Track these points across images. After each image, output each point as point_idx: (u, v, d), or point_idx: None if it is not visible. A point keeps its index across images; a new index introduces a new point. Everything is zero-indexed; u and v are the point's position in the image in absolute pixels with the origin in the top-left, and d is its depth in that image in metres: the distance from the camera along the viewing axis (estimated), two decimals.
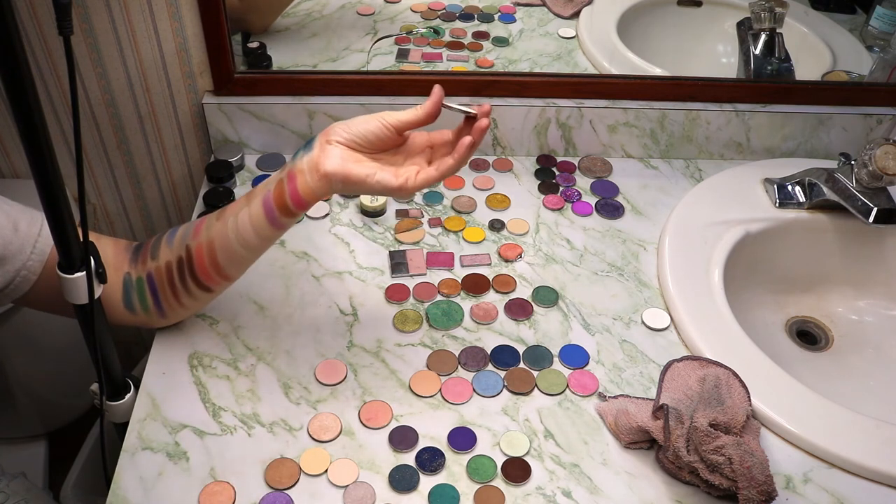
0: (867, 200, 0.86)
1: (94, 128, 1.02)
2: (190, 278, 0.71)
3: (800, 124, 1.03)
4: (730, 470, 0.62)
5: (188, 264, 0.70)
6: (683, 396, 0.71)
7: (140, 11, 0.90)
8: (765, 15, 1.01)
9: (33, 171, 0.55)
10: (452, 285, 0.85)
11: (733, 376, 0.72)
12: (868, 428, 0.71)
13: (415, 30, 1.08)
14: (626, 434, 0.69)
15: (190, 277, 0.71)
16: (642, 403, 0.72)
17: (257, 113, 0.98)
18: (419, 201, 0.97)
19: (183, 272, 0.71)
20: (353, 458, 0.68)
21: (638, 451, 0.70)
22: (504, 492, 0.66)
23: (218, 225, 0.70)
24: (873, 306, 0.95)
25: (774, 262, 0.94)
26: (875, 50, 1.06)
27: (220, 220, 0.70)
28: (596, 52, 1.05)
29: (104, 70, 0.96)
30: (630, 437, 0.69)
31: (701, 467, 0.64)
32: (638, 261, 0.90)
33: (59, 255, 0.60)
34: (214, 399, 0.73)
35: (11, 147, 1.05)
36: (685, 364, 0.75)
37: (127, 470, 0.67)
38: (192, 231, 0.71)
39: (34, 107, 0.51)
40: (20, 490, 1.00)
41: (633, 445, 0.70)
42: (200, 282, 0.71)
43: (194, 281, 0.71)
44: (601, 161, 1.04)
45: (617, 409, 0.71)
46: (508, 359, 0.78)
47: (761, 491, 0.62)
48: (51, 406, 1.20)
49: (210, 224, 0.70)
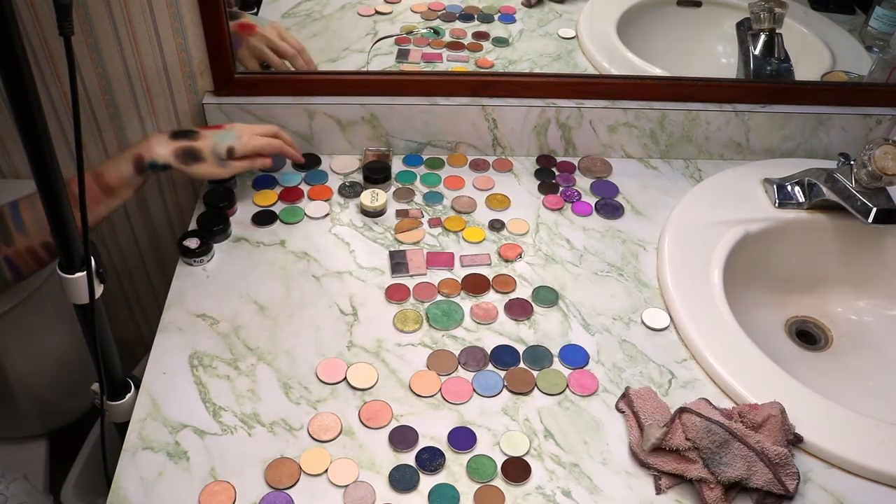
0: (866, 200, 0.86)
1: (94, 128, 1.02)
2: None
3: (799, 124, 1.03)
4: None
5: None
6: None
7: (140, 12, 0.90)
8: (764, 15, 1.01)
9: (33, 171, 0.55)
10: (452, 285, 0.85)
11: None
12: (868, 428, 0.71)
13: (415, 30, 1.08)
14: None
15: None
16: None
17: (258, 113, 0.98)
18: (419, 201, 0.97)
19: (53, 252, 0.76)
20: (354, 458, 0.68)
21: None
22: (504, 491, 0.67)
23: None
24: (873, 306, 0.95)
25: (774, 262, 0.94)
26: (874, 50, 1.06)
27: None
28: (596, 52, 1.05)
29: (105, 70, 0.96)
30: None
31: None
32: (638, 261, 0.90)
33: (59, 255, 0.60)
34: (215, 399, 0.73)
35: (11, 147, 1.06)
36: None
37: (127, 470, 0.67)
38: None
39: (34, 107, 0.51)
40: (20, 493, 1.00)
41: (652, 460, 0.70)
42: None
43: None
44: (601, 161, 1.04)
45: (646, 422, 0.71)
46: (508, 359, 0.78)
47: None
48: (51, 406, 1.20)
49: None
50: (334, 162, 1.02)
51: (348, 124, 1.00)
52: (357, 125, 1.00)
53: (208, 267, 0.86)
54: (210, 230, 0.88)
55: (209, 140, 0.86)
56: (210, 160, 0.86)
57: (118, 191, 0.83)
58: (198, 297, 0.82)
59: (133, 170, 0.82)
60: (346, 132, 1.01)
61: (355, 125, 1.00)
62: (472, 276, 0.87)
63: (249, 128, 0.90)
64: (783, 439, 0.68)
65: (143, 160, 0.83)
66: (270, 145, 0.90)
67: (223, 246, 0.89)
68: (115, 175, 0.82)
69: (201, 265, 0.86)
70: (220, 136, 0.87)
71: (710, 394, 0.75)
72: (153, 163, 0.83)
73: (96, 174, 0.81)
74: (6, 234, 0.76)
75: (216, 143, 0.86)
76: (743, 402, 0.73)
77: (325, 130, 1.00)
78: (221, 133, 0.87)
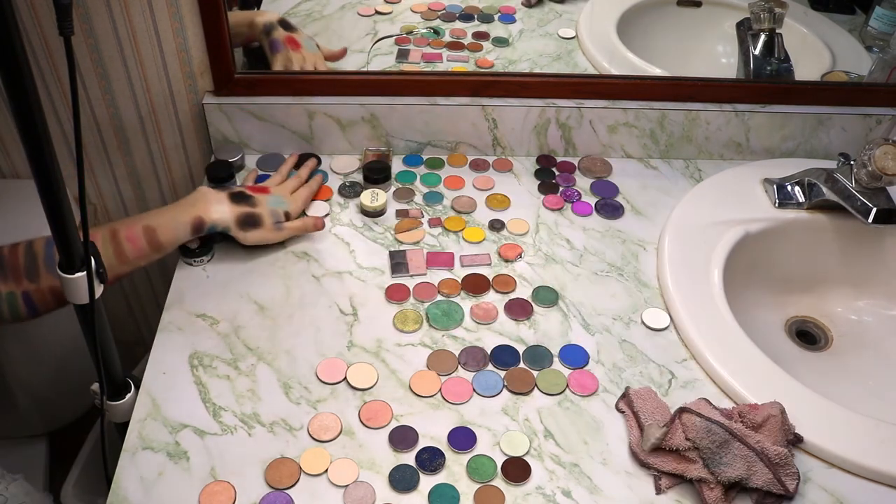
0: (866, 200, 0.86)
1: (94, 128, 1.02)
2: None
3: (799, 124, 1.03)
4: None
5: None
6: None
7: (140, 12, 0.90)
8: (764, 15, 1.01)
9: (33, 171, 0.55)
10: (452, 285, 0.85)
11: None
12: (867, 428, 0.71)
13: (415, 30, 1.08)
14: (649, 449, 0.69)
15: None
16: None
17: (257, 113, 0.98)
18: (419, 201, 0.97)
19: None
20: (354, 458, 0.69)
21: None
22: (504, 491, 0.67)
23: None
24: (872, 306, 0.95)
25: (774, 262, 0.94)
26: (874, 50, 1.06)
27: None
28: (596, 52, 1.05)
29: (105, 70, 0.96)
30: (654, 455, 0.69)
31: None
32: (638, 261, 0.90)
33: (59, 255, 0.60)
34: (215, 399, 0.73)
35: (11, 147, 1.06)
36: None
37: (127, 470, 0.67)
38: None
39: (34, 107, 0.51)
40: (19, 493, 1.00)
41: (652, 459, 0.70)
42: None
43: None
44: (601, 161, 1.04)
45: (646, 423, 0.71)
46: (508, 359, 0.78)
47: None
48: (51, 406, 1.20)
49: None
50: (334, 162, 1.02)
51: (348, 124, 1.00)
52: (357, 125, 1.00)
53: (208, 267, 0.86)
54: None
55: (265, 206, 0.86)
56: (268, 225, 0.85)
57: (167, 249, 0.80)
58: (198, 297, 0.82)
59: (191, 232, 0.81)
60: (346, 132, 1.01)
61: (355, 125, 1.00)
62: (472, 276, 0.87)
63: (286, 186, 0.92)
64: (783, 439, 0.68)
65: (203, 224, 0.81)
66: (307, 201, 0.93)
67: (223, 246, 0.89)
68: (171, 236, 0.80)
69: (201, 265, 0.86)
70: (273, 201, 0.87)
71: (710, 394, 0.75)
72: (213, 227, 0.82)
73: (148, 230, 0.78)
74: (34, 271, 0.73)
75: (273, 210, 0.86)
76: (743, 402, 0.73)
77: (325, 130, 1.00)
78: (274, 199, 0.88)
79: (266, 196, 0.88)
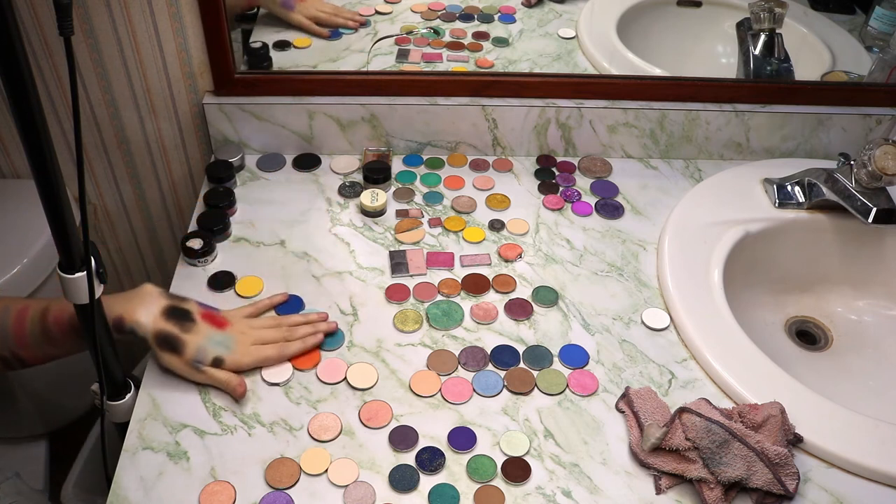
0: (866, 200, 0.86)
1: (94, 128, 1.02)
2: (19, 366, 0.76)
3: (799, 124, 1.03)
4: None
5: (19, 363, 0.75)
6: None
7: (140, 12, 0.90)
8: (764, 15, 1.01)
9: (33, 171, 0.55)
10: (452, 285, 0.85)
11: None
12: (867, 428, 0.71)
13: (415, 30, 1.08)
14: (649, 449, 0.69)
15: (20, 366, 0.76)
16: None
17: (257, 113, 0.98)
18: (419, 201, 0.97)
19: (12, 365, 0.75)
20: (353, 458, 0.69)
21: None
22: (504, 491, 0.67)
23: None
24: (872, 306, 0.95)
25: (774, 262, 0.94)
26: (874, 50, 1.06)
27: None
28: (596, 52, 1.05)
29: (105, 70, 0.96)
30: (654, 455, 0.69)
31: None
32: (637, 261, 0.90)
33: (59, 255, 0.60)
34: (215, 399, 0.73)
35: (11, 147, 1.06)
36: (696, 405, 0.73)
37: (127, 470, 0.67)
38: (13, 336, 0.72)
39: (34, 107, 0.51)
40: (11, 492, 0.99)
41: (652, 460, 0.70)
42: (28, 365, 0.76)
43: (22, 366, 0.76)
44: (601, 161, 1.04)
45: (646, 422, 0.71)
46: (508, 359, 0.78)
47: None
48: (51, 406, 1.20)
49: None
50: (334, 162, 1.02)
51: (348, 124, 1.00)
52: (357, 125, 1.00)
53: (209, 267, 0.86)
54: (210, 230, 0.88)
55: (198, 339, 0.73)
56: (187, 357, 0.72)
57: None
58: (198, 297, 0.82)
59: (113, 329, 0.72)
60: (346, 132, 1.01)
61: (355, 125, 1.00)
62: (472, 276, 0.87)
63: (256, 333, 0.77)
64: (783, 439, 0.68)
65: (123, 324, 0.72)
66: (266, 362, 0.76)
67: (223, 246, 0.89)
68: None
69: (204, 266, 0.86)
70: (214, 339, 0.74)
71: (710, 394, 0.75)
72: (133, 330, 0.72)
73: (72, 316, 0.70)
74: (36, 346, 0.74)
75: (202, 348, 0.73)
76: (743, 402, 0.73)
77: (325, 130, 1.00)
78: (218, 336, 0.74)
79: (210, 329, 0.74)
